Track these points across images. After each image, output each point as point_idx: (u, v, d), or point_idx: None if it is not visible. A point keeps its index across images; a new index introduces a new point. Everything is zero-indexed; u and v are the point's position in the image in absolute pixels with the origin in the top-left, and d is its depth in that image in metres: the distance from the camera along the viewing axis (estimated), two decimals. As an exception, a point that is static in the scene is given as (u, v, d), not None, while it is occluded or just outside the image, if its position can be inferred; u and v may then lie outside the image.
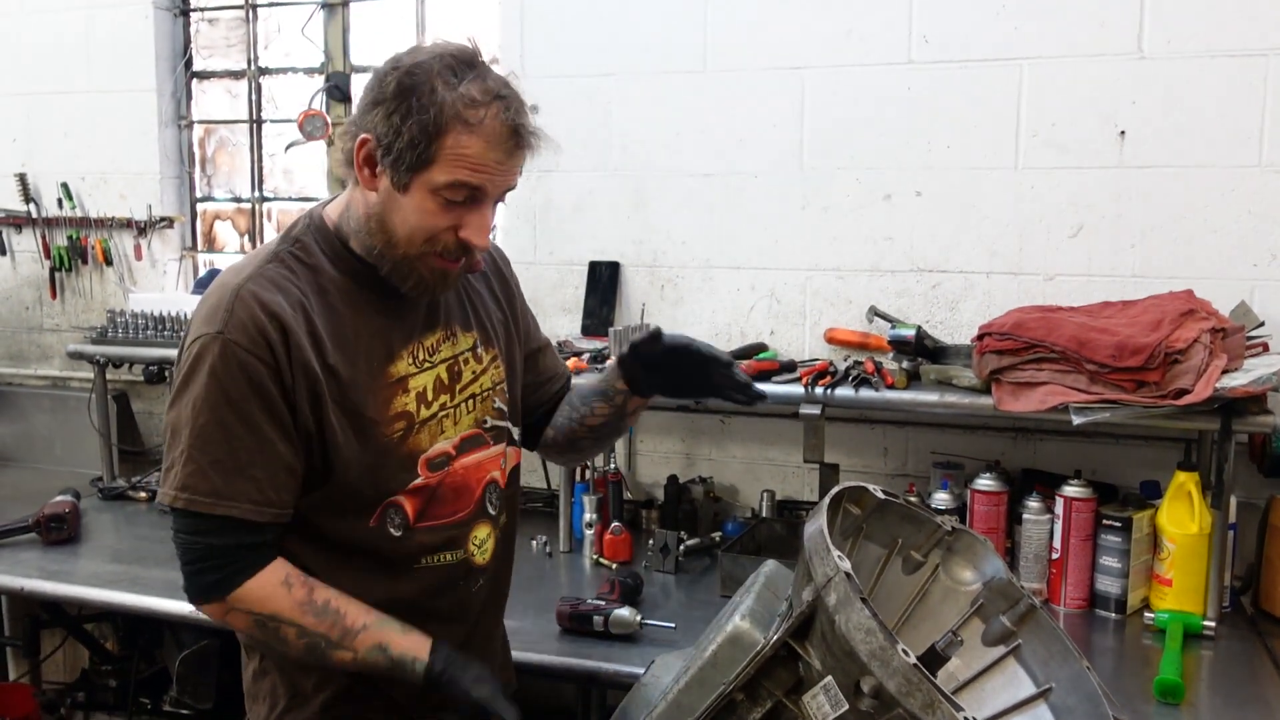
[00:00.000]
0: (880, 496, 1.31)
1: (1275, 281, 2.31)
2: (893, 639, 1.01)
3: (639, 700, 1.45)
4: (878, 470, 2.66)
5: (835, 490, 1.26)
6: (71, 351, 3.02)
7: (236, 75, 3.37)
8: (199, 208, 3.46)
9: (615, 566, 2.44)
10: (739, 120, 2.67)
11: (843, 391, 2.28)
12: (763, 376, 2.37)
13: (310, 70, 3.28)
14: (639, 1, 2.72)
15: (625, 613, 2.02)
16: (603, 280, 2.81)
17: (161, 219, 3.31)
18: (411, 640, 1.40)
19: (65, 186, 3.36)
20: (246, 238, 3.45)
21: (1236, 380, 1.97)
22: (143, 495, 2.96)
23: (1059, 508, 2.19)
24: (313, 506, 1.39)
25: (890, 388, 2.28)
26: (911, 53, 2.52)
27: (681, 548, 2.46)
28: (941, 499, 2.33)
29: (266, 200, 3.41)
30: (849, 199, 2.60)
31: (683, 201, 2.74)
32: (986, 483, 2.26)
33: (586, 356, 2.55)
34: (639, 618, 2.03)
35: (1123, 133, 2.38)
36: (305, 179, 3.37)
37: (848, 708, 1.06)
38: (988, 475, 2.28)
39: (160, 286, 3.34)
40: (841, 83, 2.57)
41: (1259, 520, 2.24)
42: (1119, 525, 2.14)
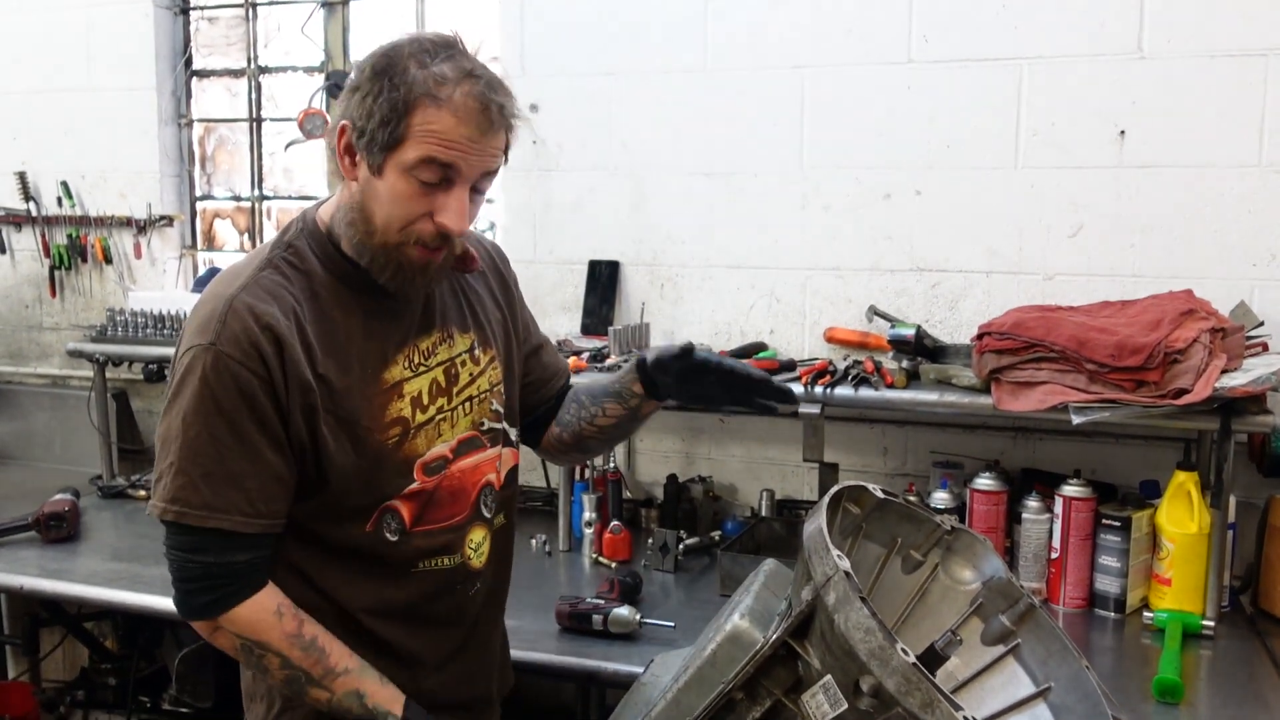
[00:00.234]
0: (880, 496, 1.31)
1: (1275, 281, 2.31)
2: (892, 638, 1.02)
3: (638, 699, 1.45)
4: (877, 469, 2.66)
5: (835, 489, 1.26)
6: (71, 350, 3.02)
7: (236, 74, 3.37)
8: (199, 206, 3.46)
9: (615, 565, 2.44)
10: (739, 119, 2.67)
11: (842, 391, 2.28)
12: (762, 376, 2.37)
13: (310, 69, 3.28)
14: (639, 1, 2.72)
15: (624, 612, 2.02)
16: (602, 279, 2.81)
17: (161, 217, 3.31)
18: (388, 693, 1.38)
19: (65, 185, 3.35)
20: (246, 236, 3.45)
21: (1236, 380, 1.97)
22: (142, 494, 2.96)
23: (1058, 507, 2.19)
24: (309, 513, 1.38)
25: (890, 387, 2.28)
26: (912, 52, 2.52)
27: (681, 547, 2.46)
28: (941, 498, 2.33)
29: (266, 199, 3.41)
30: (849, 198, 2.60)
31: (682, 200, 2.74)
32: (986, 482, 2.26)
33: (586, 355, 2.55)
34: (638, 617, 2.03)
35: (1122, 132, 2.38)
36: (305, 178, 3.37)
37: (847, 707, 1.07)
38: (987, 475, 2.28)
39: (160, 285, 3.34)
40: (842, 82, 2.57)
41: (1258, 520, 2.24)
42: (1118, 525, 2.14)
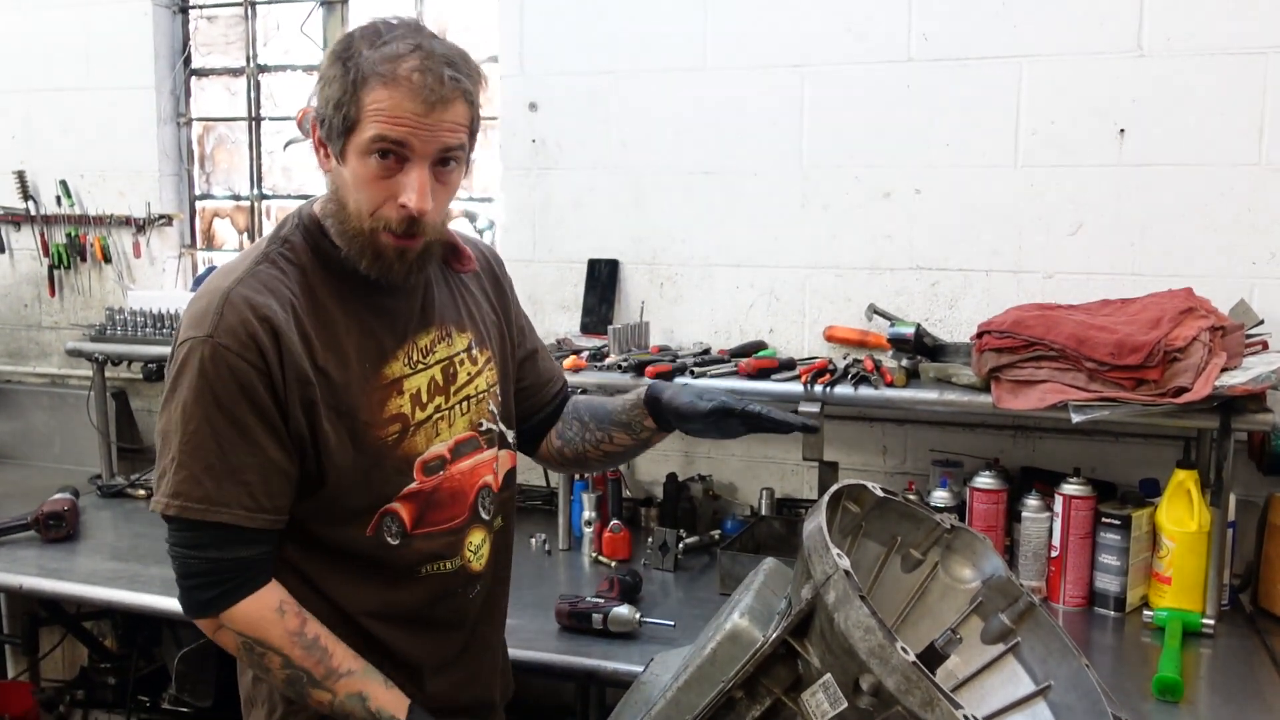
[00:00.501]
0: (879, 494, 1.31)
1: (1274, 279, 2.31)
2: (892, 637, 1.01)
3: (638, 698, 1.45)
4: (877, 468, 2.66)
5: (834, 488, 1.26)
6: (70, 349, 3.02)
7: (235, 73, 3.37)
8: (198, 205, 3.46)
9: (614, 564, 2.44)
10: (738, 118, 2.67)
11: (842, 389, 2.28)
12: (762, 374, 2.37)
13: (309, 68, 3.27)
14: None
15: (624, 611, 2.02)
16: (602, 278, 2.81)
17: (160, 216, 3.31)
18: (392, 697, 1.36)
19: (64, 184, 3.35)
20: (245, 235, 3.45)
21: (1235, 378, 1.97)
22: (141, 493, 2.96)
23: (1058, 506, 2.19)
24: (309, 515, 1.37)
25: (889, 386, 2.28)
26: (911, 50, 2.51)
27: (680, 546, 2.46)
28: (940, 497, 2.34)
29: (265, 198, 3.41)
30: (848, 197, 2.60)
31: (682, 199, 2.74)
32: (985, 481, 2.27)
33: (586, 354, 2.55)
34: (638, 616, 2.03)
35: (1122, 131, 2.38)
36: (304, 176, 3.37)
37: (847, 705, 1.06)
38: (987, 473, 2.28)
39: (159, 284, 3.33)
40: (841, 81, 2.57)
41: (1258, 518, 2.24)
42: (1118, 523, 2.14)
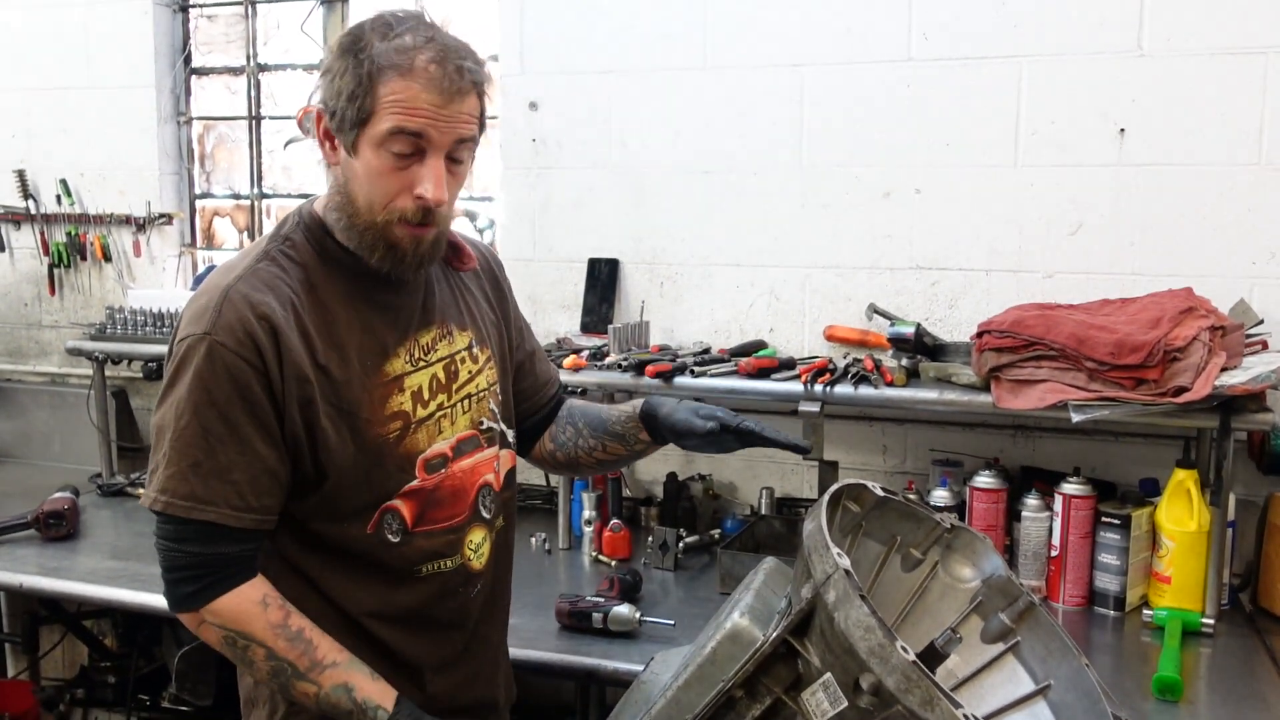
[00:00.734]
0: (879, 494, 1.31)
1: (1274, 279, 2.31)
2: (892, 636, 1.02)
3: (638, 697, 1.45)
4: (877, 468, 2.66)
5: (834, 487, 1.26)
6: (70, 348, 3.02)
7: (236, 71, 3.37)
8: (198, 204, 3.46)
9: (614, 564, 2.44)
10: (738, 117, 2.67)
11: (842, 389, 2.28)
12: (762, 374, 2.37)
13: (310, 66, 3.27)
14: (639, -2, 2.73)
15: (624, 610, 2.02)
16: (602, 277, 2.81)
17: (160, 215, 3.31)
18: (378, 687, 1.35)
19: (64, 183, 3.35)
20: (245, 234, 3.45)
21: (1235, 378, 1.97)
22: (143, 503, 2.94)
23: (1058, 505, 2.19)
24: (309, 513, 1.37)
25: (889, 385, 2.28)
26: (911, 50, 2.51)
27: (680, 545, 2.46)
28: (940, 496, 2.34)
29: (265, 197, 3.41)
30: (848, 196, 2.60)
31: (682, 198, 2.74)
32: (985, 480, 2.27)
33: (586, 354, 2.55)
34: (638, 615, 2.03)
35: (1122, 130, 2.38)
36: (304, 175, 3.37)
37: (847, 705, 1.07)
38: (987, 473, 2.28)
39: (159, 283, 3.33)
40: (841, 80, 2.57)
41: (1258, 518, 2.25)
42: (1118, 523, 2.14)
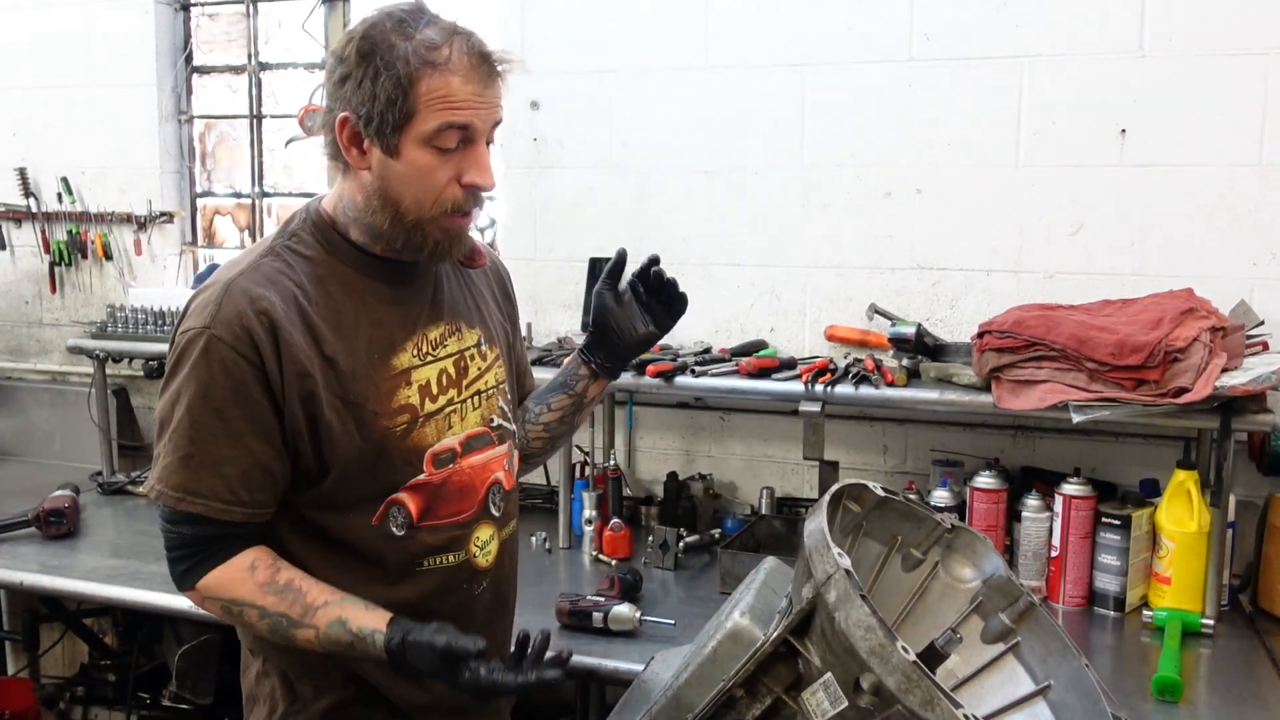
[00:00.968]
0: (880, 494, 1.31)
1: (1275, 280, 2.31)
2: (892, 636, 1.02)
3: (639, 696, 1.45)
4: (877, 468, 2.66)
5: (835, 487, 1.26)
6: (71, 346, 3.02)
7: (237, 70, 3.37)
8: (199, 203, 3.46)
9: (615, 563, 2.44)
10: (740, 117, 2.67)
11: (843, 389, 2.28)
12: (763, 373, 2.37)
13: (311, 65, 3.27)
14: (640, -2, 2.72)
15: (625, 609, 2.02)
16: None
17: (161, 214, 3.31)
18: (373, 615, 1.34)
19: (65, 181, 3.35)
20: (246, 233, 3.45)
21: (1236, 379, 1.97)
22: (142, 490, 2.96)
23: (1058, 505, 2.19)
24: (314, 504, 1.38)
25: (890, 385, 2.28)
26: (913, 50, 2.51)
27: (681, 544, 2.46)
28: (941, 496, 2.34)
29: (266, 195, 3.41)
30: (849, 196, 2.60)
31: (683, 198, 2.74)
32: (986, 480, 2.27)
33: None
34: (638, 614, 2.03)
35: (1123, 131, 2.38)
36: (305, 174, 3.37)
37: (847, 704, 1.07)
38: (987, 473, 2.28)
39: (160, 281, 3.33)
40: (842, 80, 2.57)
41: (1258, 519, 2.25)
42: (1118, 523, 2.14)
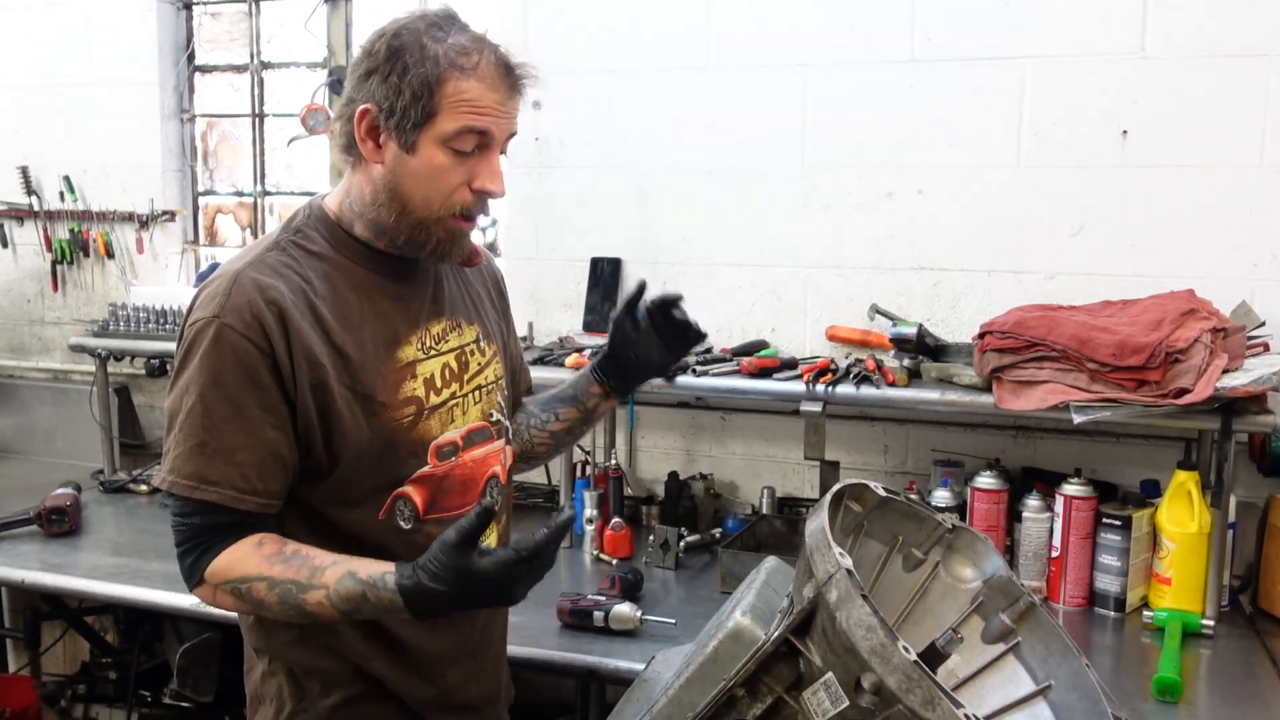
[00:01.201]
0: (881, 494, 1.31)
1: (1276, 281, 2.31)
2: (893, 636, 1.02)
3: (639, 696, 1.45)
4: (878, 468, 2.66)
5: (836, 487, 1.26)
6: (73, 344, 3.03)
7: (239, 69, 3.37)
8: (201, 201, 3.46)
9: (615, 562, 2.45)
10: (741, 117, 2.67)
11: (844, 389, 2.28)
12: (764, 373, 2.38)
13: (313, 65, 3.28)
14: (642, -2, 2.73)
15: (625, 608, 2.02)
16: (604, 276, 2.81)
17: (163, 212, 3.31)
18: (381, 564, 1.31)
19: (67, 179, 3.35)
20: (248, 232, 3.45)
21: (1237, 380, 1.97)
22: (144, 488, 2.97)
23: (1059, 506, 2.20)
24: (322, 497, 1.39)
25: (891, 385, 2.28)
26: (914, 51, 2.51)
27: (682, 544, 2.46)
28: (942, 497, 2.34)
29: (268, 194, 3.42)
30: (851, 197, 2.60)
31: (684, 198, 2.74)
32: (987, 481, 2.27)
33: (588, 352, 2.55)
34: (639, 613, 2.03)
35: (1125, 132, 2.38)
36: (307, 173, 3.38)
37: (848, 704, 1.07)
38: (988, 473, 2.28)
39: (162, 280, 3.33)
40: (844, 80, 2.57)
41: (1258, 520, 2.25)
42: (1119, 524, 2.14)
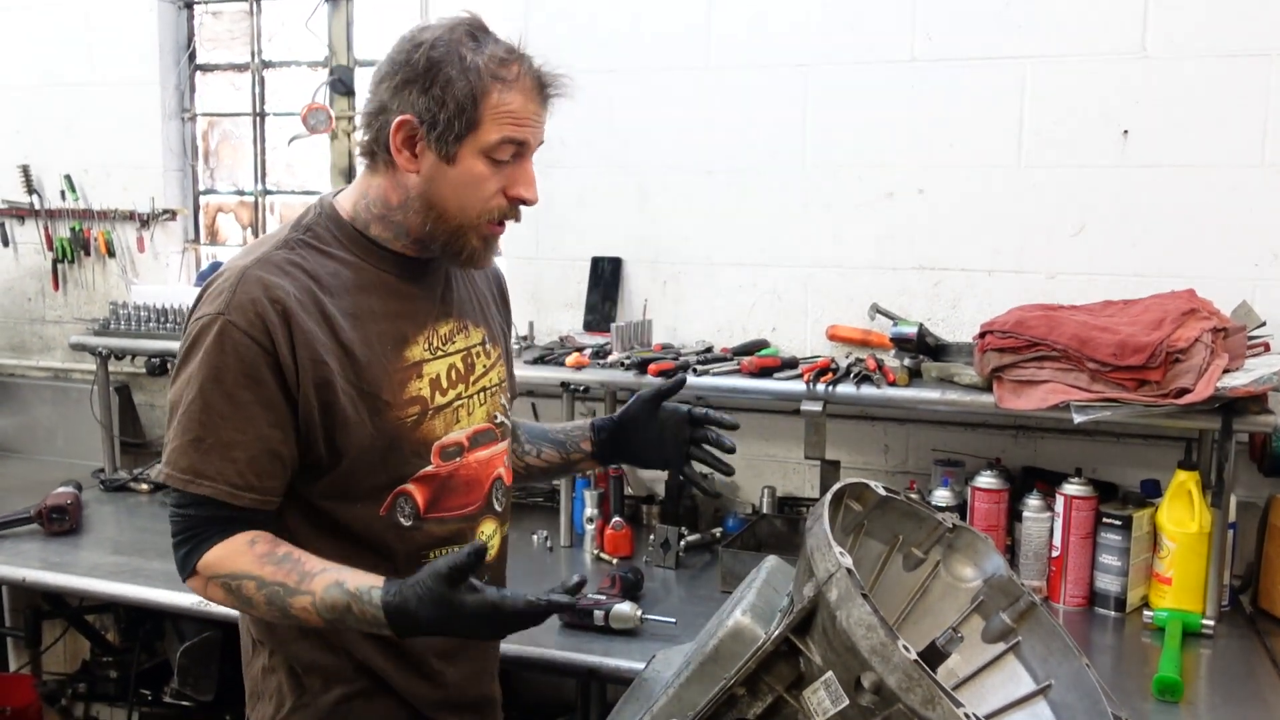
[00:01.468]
0: (881, 493, 1.31)
1: (1277, 281, 2.31)
2: (894, 635, 1.02)
3: (640, 695, 1.45)
4: (878, 467, 2.66)
5: (837, 486, 1.26)
6: (74, 343, 3.03)
7: (240, 68, 3.37)
8: (201, 200, 3.46)
9: (616, 561, 2.45)
10: (741, 117, 2.67)
11: (844, 388, 2.28)
12: (764, 373, 2.38)
13: (314, 64, 3.28)
14: (643, -3, 2.72)
15: (626, 608, 2.02)
16: (605, 276, 2.81)
17: (164, 211, 3.31)
18: (369, 577, 1.32)
19: (68, 178, 3.36)
20: (249, 231, 3.45)
21: (1237, 380, 1.97)
22: (144, 487, 2.97)
23: (1059, 506, 2.20)
24: (325, 493, 1.39)
25: (892, 385, 2.28)
26: (915, 50, 2.51)
27: (682, 543, 2.46)
28: (942, 496, 2.34)
29: (269, 193, 3.42)
30: (851, 196, 2.60)
31: (685, 198, 2.74)
32: (987, 480, 2.27)
33: (589, 352, 2.55)
34: (639, 613, 2.03)
35: (1125, 132, 2.38)
36: (308, 173, 3.38)
37: (848, 703, 1.07)
38: (988, 473, 2.28)
39: (162, 279, 3.34)
40: (844, 80, 2.57)
41: (1259, 519, 2.25)
42: (1119, 523, 2.14)
